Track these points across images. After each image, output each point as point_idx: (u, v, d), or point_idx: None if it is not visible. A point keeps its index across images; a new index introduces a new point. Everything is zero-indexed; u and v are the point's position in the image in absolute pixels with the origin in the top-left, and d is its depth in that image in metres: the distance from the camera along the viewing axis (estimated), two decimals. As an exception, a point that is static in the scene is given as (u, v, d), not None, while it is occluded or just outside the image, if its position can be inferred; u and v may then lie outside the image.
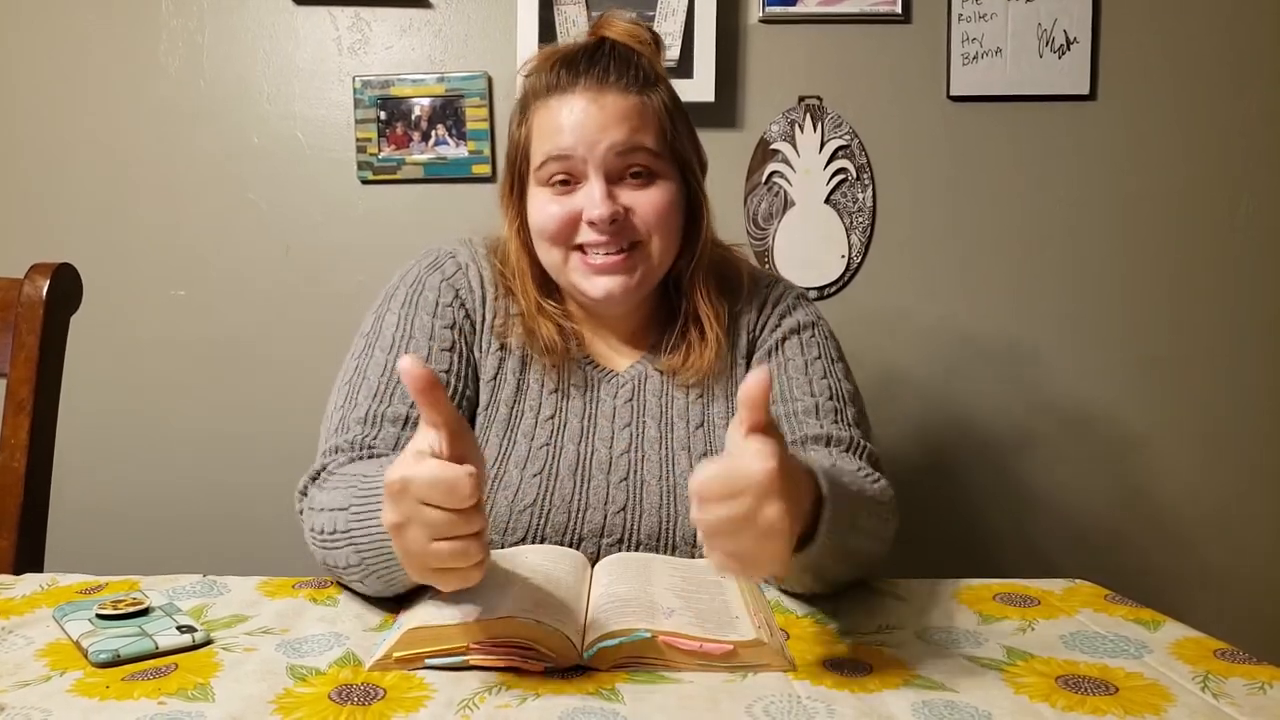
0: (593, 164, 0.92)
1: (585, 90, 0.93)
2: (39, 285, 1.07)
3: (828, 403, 0.97)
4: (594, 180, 0.92)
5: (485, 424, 0.97)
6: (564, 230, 0.94)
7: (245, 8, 1.72)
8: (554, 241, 0.95)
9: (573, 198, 0.93)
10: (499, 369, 0.99)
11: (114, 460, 1.75)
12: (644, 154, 0.94)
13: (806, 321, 1.04)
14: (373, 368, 0.94)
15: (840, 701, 0.62)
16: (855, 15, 1.70)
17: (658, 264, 0.97)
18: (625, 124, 0.92)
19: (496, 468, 0.94)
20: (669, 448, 0.98)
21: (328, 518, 0.78)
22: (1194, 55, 1.72)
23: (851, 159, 1.73)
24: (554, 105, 0.94)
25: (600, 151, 0.92)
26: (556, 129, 0.93)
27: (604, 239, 0.93)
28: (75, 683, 0.64)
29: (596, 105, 0.92)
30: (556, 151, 0.93)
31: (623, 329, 1.04)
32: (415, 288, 0.99)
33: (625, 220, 0.93)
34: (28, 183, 1.74)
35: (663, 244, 0.96)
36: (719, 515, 0.60)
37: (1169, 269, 1.76)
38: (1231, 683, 0.65)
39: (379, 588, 0.77)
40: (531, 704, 0.61)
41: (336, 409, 0.93)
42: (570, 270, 0.96)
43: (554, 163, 0.93)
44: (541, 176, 0.95)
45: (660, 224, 0.95)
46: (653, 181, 0.95)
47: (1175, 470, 1.78)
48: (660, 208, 0.95)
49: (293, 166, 1.74)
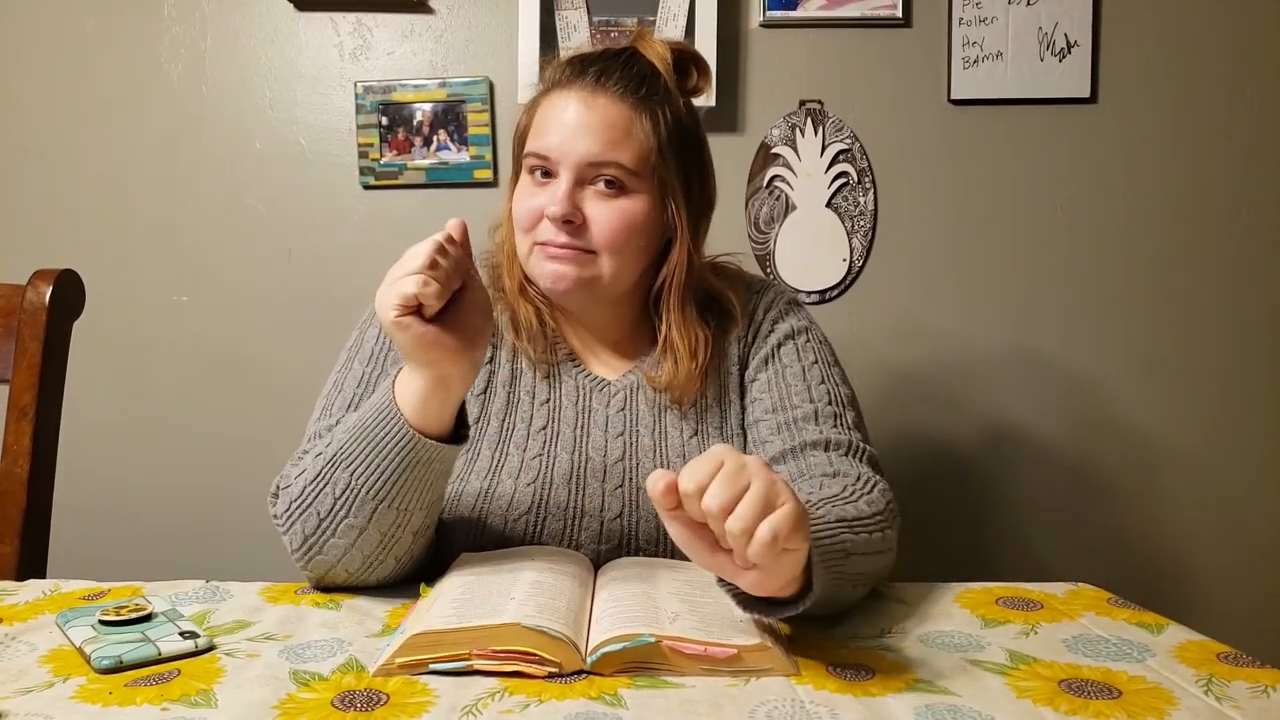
0: (565, 165, 0.93)
1: (581, 90, 0.94)
2: (42, 291, 1.07)
3: (826, 407, 0.97)
4: (562, 179, 0.94)
5: (476, 437, 0.97)
6: (530, 220, 0.95)
7: (247, 14, 1.72)
8: (524, 231, 0.96)
9: (544, 190, 0.95)
10: (489, 383, 1.00)
11: (117, 466, 1.75)
12: (614, 168, 0.94)
13: (800, 327, 1.04)
14: (350, 380, 0.94)
15: (843, 706, 0.62)
16: (856, 19, 1.70)
17: (608, 278, 0.95)
18: (605, 134, 0.93)
19: (490, 479, 0.94)
20: (664, 455, 0.98)
21: (300, 478, 0.82)
22: (1194, 57, 1.73)
23: (853, 163, 1.73)
24: (552, 99, 0.96)
25: (572, 156, 0.93)
26: (546, 124, 0.95)
27: (560, 238, 0.93)
28: (78, 689, 0.64)
29: (585, 107, 0.93)
30: (538, 148, 0.95)
31: (606, 337, 1.04)
32: None
33: (581, 225, 0.94)
34: (31, 189, 1.74)
35: (614, 261, 0.95)
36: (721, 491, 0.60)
37: (1170, 271, 1.76)
38: (1235, 686, 0.65)
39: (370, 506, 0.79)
40: (535, 709, 0.61)
41: (314, 419, 0.93)
42: (531, 261, 0.97)
43: (535, 157, 0.96)
44: (527, 165, 0.97)
45: (612, 240, 0.94)
46: (620, 195, 0.94)
47: (1177, 473, 1.77)
48: (615, 224, 0.94)
49: (295, 172, 1.74)
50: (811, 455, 0.93)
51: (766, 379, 1.01)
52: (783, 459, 0.94)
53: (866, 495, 0.84)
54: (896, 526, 0.86)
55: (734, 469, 0.62)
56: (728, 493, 0.60)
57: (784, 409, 0.98)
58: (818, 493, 0.82)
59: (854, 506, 0.80)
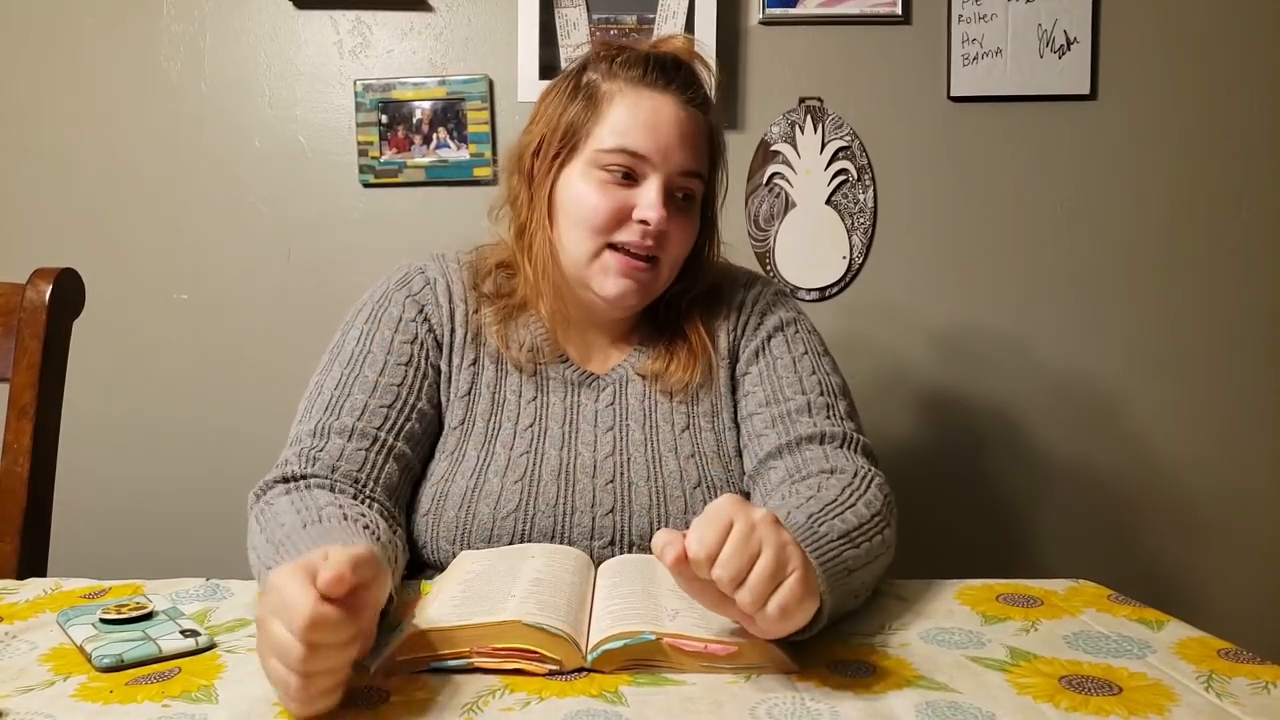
0: (662, 170, 0.94)
1: (675, 96, 0.95)
2: (41, 290, 1.07)
3: (819, 399, 0.97)
4: (655, 184, 0.93)
5: (462, 438, 0.97)
6: (610, 222, 0.94)
7: (246, 12, 1.72)
8: (596, 231, 0.95)
9: (628, 192, 0.94)
10: (473, 384, 0.99)
11: (117, 464, 1.75)
12: (696, 180, 0.97)
13: (788, 318, 1.05)
14: (329, 383, 0.94)
15: (843, 703, 0.62)
16: (855, 16, 1.70)
17: (662, 285, 1.00)
18: (696, 146, 0.96)
19: (476, 478, 0.94)
20: (655, 450, 0.97)
21: (254, 558, 0.79)
22: (1194, 55, 1.72)
23: (852, 160, 1.73)
24: (644, 97, 0.95)
25: (672, 164, 0.94)
26: (636, 123, 0.94)
27: (647, 243, 0.94)
28: (79, 687, 0.64)
29: (685, 114, 0.95)
30: (634, 147, 0.93)
31: (615, 329, 1.05)
32: (381, 304, 1.00)
33: (663, 233, 0.95)
34: (30, 188, 1.74)
35: (669, 271, 0.99)
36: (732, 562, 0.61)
37: (1170, 268, 1.75)
38: (1235, 682, 0.65)
39: None
40: (535, 707, 0.61)
41: (296, 422, 0.94)
42: (597, 264, 0.96)
43: (625, 155, 0.93)
44: (603, 160, 0.94)
45: (679, 249, 0.98)
46: (688, 211, 0.98)
47: (1178, 470, 1.77)
48: (687, 235, 0.98)
49: (294, 170, 1.74)
50: (807, 449, 0.93)
51: (758, 372, 1.01)
52: (779, 454, 0.94)
53: (864, 495, 0.84)
54: (894, 523, 0.86)
55: (744, 533, 0.62)
56: (738, 563, 0.62)
57: (777, 402, 0.98)
58: (818, 497, 0.82)
59: (854, 513, 0.80)
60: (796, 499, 0.82)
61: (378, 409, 0.92)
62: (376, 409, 0.92)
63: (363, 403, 0.92)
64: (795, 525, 0.73)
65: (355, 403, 0.92)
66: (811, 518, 0.75)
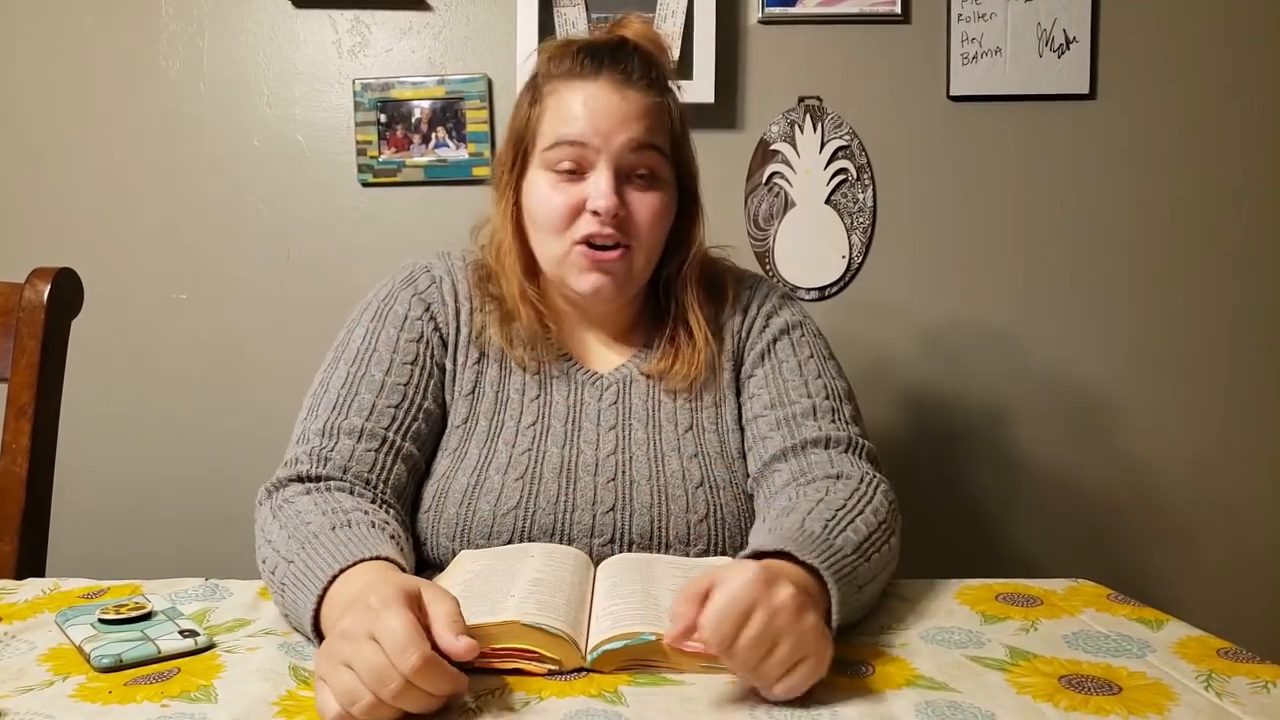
0: (605, 155, 0.93)
1: (608, 81, 0.94)
2: (40, 290, 1.07)
3: (824, 403, 0.97)
4: (603, 171, 0.93)
5: (464, 436, 0.97)
6: (566, 219, 0.94)
7: (245, 11, 1.72)
8: (556, 231, 0.95)
9: (577, 186, 0.94)
10: (477, 382, 0.99)
11: (115, 464, 1.75)
12: (654, 154, 0.95)
13: (794, 321, 1.04)
14: (335, 380, 0.94)
15: (843, 703, 0.62)
16: (855, 15, 1.70)
17: (639, 270, 0.98)
18: (643, 121, 0.94)
19: (477, 475, 0.94)
20: (658, 449, 0.97)
21: (270, 552, 0.78)
22: (1194, 55, 1.72)
23: (852, 159, 1.73)
24: (575, 89, 0.94)
25: (616, 145, 0.92)
26: (574, 114, 0.93)
27: (607, 231, 0.93)
28: (78, 687, 0.64)
29: (619, 96, 0.93)
30: (571, 136, 0.93)
31: (613, 326, 1.04)
32: (387, 302, 1.00)
33: (625, 218, 0.94)
34: (28, 187, 1.74)
35: (645, 254, 0.97)
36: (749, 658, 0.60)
37: (1169, 268, 1.75)
38: (1235, 682, 0.65)
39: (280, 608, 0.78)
40: (535, 707, 0.61)
41: (300, 420, 0.93)
42: (568, 263, 0.96)
43: (566, 147, 0.93)
44: (549, 159, 0.95)
45: (650, 230, 0.96)
46: (653, 186, 0.96)
47: (1177, 469, 1.77)
48: (655, 214, 0.96)
49: (293, 170, 1.74)
50: (812, 453, 0.93)
51: (763, 374, 1.01)
52: (784, 457, 0.94)
53: (871, 503, 0.84)
54: (899, 530, 0.87)
55: (762, 625, 0.60)
56: (754, 657, 0.61)
57: (782, 405, 0.98)
58: (827, 501, 0.82)
59: (863, 520, 0.80)
60: (806, 502, 0.83)
61: (385, 409, 0.92)
62: (384, 409, 0.92)
63: (370, 402, 0.92)
64: (811, 536, 0.74)
65: (363, 402, 0.92)
66: (827, 526, 0.77)
